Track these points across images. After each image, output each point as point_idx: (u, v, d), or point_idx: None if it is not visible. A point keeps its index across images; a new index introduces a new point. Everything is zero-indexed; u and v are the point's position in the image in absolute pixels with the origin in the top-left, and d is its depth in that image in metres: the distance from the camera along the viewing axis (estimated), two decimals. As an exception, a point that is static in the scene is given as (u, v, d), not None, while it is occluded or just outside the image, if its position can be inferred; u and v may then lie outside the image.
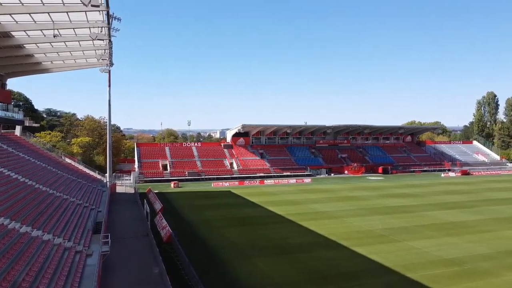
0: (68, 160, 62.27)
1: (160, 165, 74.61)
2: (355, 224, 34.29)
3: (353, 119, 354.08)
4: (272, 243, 28.23)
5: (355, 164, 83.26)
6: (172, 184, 62.00)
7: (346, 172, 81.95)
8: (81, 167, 62.19)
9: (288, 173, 76.36)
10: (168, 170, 73.26)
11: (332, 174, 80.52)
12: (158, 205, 40.12)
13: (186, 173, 71.85)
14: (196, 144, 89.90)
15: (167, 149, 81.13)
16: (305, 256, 25.14)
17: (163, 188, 59.91)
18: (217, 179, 69.89)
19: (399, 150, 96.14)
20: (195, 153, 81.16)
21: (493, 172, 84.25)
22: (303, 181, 68.81)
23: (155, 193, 49.00)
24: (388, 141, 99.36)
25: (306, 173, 77.81)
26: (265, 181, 67.61)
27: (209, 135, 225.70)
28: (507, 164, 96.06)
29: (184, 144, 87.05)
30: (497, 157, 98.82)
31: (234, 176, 73.26)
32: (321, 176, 78.61)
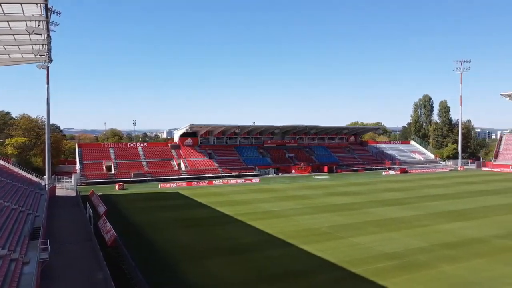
0: (1, 162, 58.11)
1: (104, 167, 71.79)
2: (302, 223, 35.08)
3: (301, 119, 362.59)
4: (221, 244, 28.16)
5: (302, 164, 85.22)
6: (116, 186, 59.88)
7: (293, 171, 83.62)
8: (16, 169, 58.31)
9: (237, 173, 76.54)
10: (113, 172, 70.66)
11: (280, 174, 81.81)
12: (102, 208, 38.56)
13: (132, 174, 69.72)
14: (142, 144, 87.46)
15: (111, 149, 78.23)
16: (254, 255, 25.32)
17: (107, 190, 57.67)
18: (165, 180, 68.48)
19: (344, 149, 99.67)
20: (141, 153, 78.97)
21: (429, 170, 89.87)
22: (251, 181, 69.29)
23: (98, 195, 47.07)
24: (333, 141, 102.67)
25: (254, 173, 78.43)
26: (214, 181, 67.30)
27: (156, 135, 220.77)
28: (441, 162, 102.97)
29: (130, 145, 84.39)
30: (432, 156, 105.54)
31: (182, 177, 72.18)
32: (269, 175, 79.62)
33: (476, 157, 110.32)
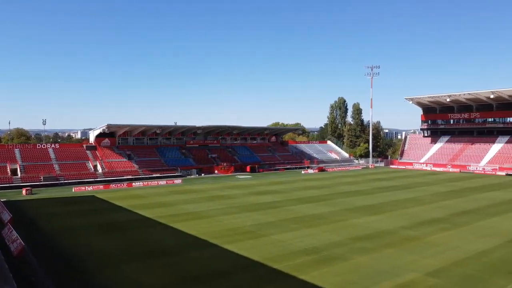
0: None
1: (8, 170, 65.39)
2: (226, 222, 35.22)
3: (223, 120, 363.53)
4: (142, 248, 27.19)
5: (225, 164, 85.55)
6: (23, 191, 54.85)
7: (216, 171, 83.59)
8: None
9: (158, 175, 74.51)
10: (19, 175, 64.64)
11: (202, 174, 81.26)
12: (6, 216, 35.08)
13: (42, 178, 64.40)
14: (53, 145, 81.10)
15: (16, 151, 71.49)
16: (177, 258, 24.84)
17: (12, 195, 52.61)
18: (79, 183, 64.29)
19: (265, 149, 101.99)
20: (52, 155, 73.30)
21: (344, 168, 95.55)
22: (173, 182, 67.91)
23: (2, 201, 42.74)
24: (255, 141, 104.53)
25: (176, 174, 76.97)
26: (133, 183, 64.74)
27: (69, 135, 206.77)
28: (354, 160, 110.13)
29: (39, 146, 77.81)
30: (347, 155, 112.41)
31: (98, 179, 68.32)
32: (192, 176, 78.70)
33: (384, 155, 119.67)
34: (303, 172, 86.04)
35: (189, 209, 42.24)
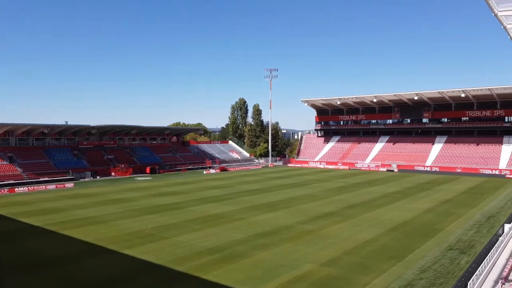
0: None
1: None
2: (125, 226, 33.56)
3: (121, 119, 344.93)
4: (28, 259, 24.57)
5: (123, 165, 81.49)
6: None
7: (113, 173, 79.16)
8: None
9: (46, 178, 67.99)
10: None
11: (98, 177, 76.24)
12: None
13: None
14: None
15: None
16: (68, 267, 22.94)
17: None
18: None
19: (166, 150, 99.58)
20: None
21: (245, 167, 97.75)
22: (64, 186, 62.57)
23: None
24: (155, 142, 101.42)
25: (68, 177, 71.04)
26: (17, 189, 58.12)
27: None
28: (255, 160, 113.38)
29: None
30: (247, 155, 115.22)
31: (-28, 185, 59.94)
32: (86, 179, 73.40)
33: (283, 154, 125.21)
34: (205, 172, 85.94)
35: (83, 214, 39.31)
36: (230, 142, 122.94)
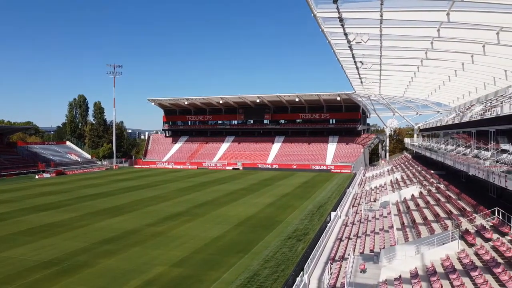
0: None
1: None
2: None
3: None
4: None
5: None
6: None
7: None
8: None
9: None
10: None
11: None
12: None
13: None
14: None
15: None
16: None
17: None
18: None
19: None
20: None
21: (86, 170, 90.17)
22: None
23: None
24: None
25: None
26: None
27: None
28: (97, 162, 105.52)
29: None
30: (89, 156, 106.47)
31: None
32: None
33: (129, 155, 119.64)
34: (37, 177, 76.13)
35: None
36: (68, 142, 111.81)
